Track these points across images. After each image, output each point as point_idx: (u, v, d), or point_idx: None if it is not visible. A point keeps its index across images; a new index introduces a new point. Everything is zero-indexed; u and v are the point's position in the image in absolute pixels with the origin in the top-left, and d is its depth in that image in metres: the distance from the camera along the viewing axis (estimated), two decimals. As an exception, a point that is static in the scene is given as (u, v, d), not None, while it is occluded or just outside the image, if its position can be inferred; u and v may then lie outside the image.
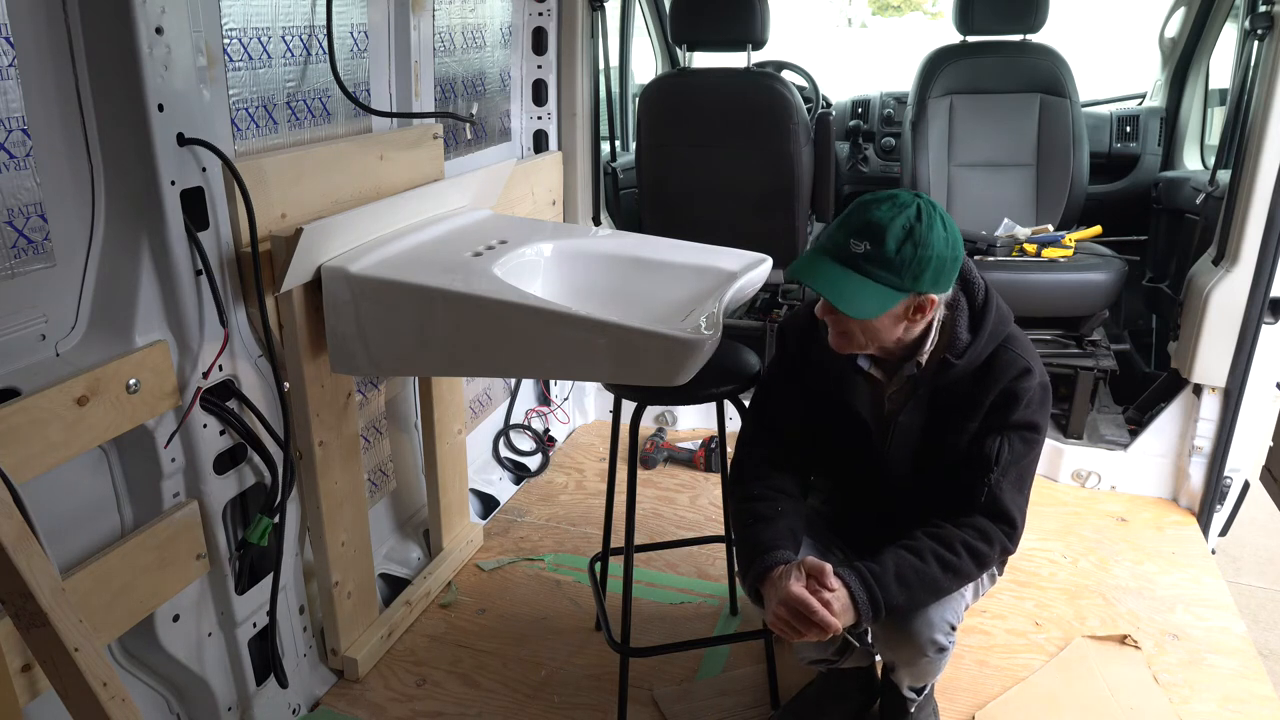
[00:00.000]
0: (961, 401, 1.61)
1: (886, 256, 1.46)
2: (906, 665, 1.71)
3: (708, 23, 3.06)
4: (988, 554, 1.57)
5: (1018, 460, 1.59)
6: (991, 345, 1.59)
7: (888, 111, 4.11)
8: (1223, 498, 2.77)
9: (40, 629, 1.25)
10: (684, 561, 2.60)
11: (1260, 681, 2.11)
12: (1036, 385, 1.59)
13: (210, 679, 1.81)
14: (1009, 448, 1.58)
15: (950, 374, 1.59)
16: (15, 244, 1.39)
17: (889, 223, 1.46)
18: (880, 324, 1.54)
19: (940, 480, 1.65)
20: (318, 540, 2.00)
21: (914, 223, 1.46)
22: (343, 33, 2.05)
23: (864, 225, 1.48)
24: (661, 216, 3.31)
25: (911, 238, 1.46)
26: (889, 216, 1.46)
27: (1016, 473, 1.60)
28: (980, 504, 1.58)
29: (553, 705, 2.07)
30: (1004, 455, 1.58)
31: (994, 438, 1.59)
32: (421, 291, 1.75)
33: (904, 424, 1.66)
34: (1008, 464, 1.58)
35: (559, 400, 3.38)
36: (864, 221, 1.48)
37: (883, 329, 1.55)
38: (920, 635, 1.60)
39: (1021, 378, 1.58)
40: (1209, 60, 3.63)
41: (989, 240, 3.05)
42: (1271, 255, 2.47)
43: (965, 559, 1.55)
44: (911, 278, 1.47)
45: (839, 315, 1.53)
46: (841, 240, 1.50)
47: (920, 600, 1.56)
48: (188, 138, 1.54)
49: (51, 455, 1.40)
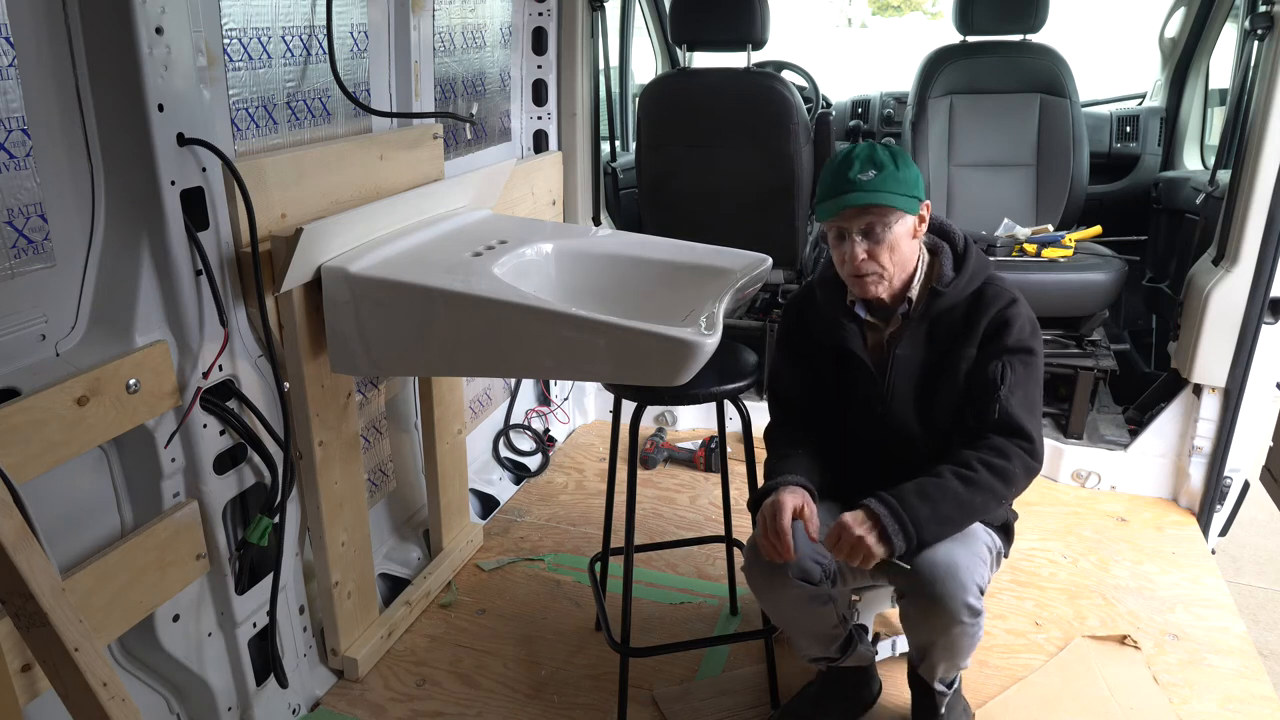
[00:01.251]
0: (955, 330, 1.71)
1: (897, 174, 1.62)
2: (942, 638, 1.68)
3: (708, 23, 3.06)
4: (1008, 468, 1.63)
5: (1022, 382, 1.67)
6: (976, 282, 1.72)
7: (888, 111, 4.11)
8: (1223, 498, 2.77)
9: (40, 629, 1.25)
10: (684, 561, 2.60)
11: (1260, 681, 2.11)
12: (1025, 313, 1.70)
13: (210, 679, 1.81)
14: (1011, 370, 1.67)
15: (940, 304, 1.71)
16: (15, 244, 1.39)
17: (876, 155, 1.62)
18: (906, 242, 1.67)
19: (946, 420, 1.73)
20: (318, 540, 2.00)
21: (885, 150, 1.64)
22: (343, 33, 2.05)
23: (860, 163, 1.62)
24: (661, 216, 3.31)
25: (899, 158, 1.63)
26: (868, 154, 1.62)
27: (1023, 393, 1.67)
28: (993, 422, 1.66)
29: (553, 705, 2.07)
30: (1008, 376, 1.66)
31: (995, 363, 1.67)
32: (421, 291, 1.75)
33: (902, 357, 1.74)
34: (1013, 384, 1.66)
35: (559, 400, 3.38)
36: (857, 162, 1.62)
37: (907, 247, 1.67)
38: (954, 599, 1.59)
39: (1010, 305, 1.69)
40: (1209, 60, 3.63)
41: (989, 240, 3.05)
42: (1271, 255, 2.47)
43: (984, 473, 1.62)
44: (915, 186, 1.64)
45: (875, 247, 1.64)
46: (851, 178, 1.62)
47: (946, 514, 1.60)
48: (188, 138, 1.54)
49: (51, 455, 1.40)
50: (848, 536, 1.58)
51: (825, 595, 1.72)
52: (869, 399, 1.77)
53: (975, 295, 1.71)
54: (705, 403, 1.96)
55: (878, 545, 1.56)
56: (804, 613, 1.76)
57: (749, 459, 1.99)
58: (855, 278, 1.69)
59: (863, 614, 2.09)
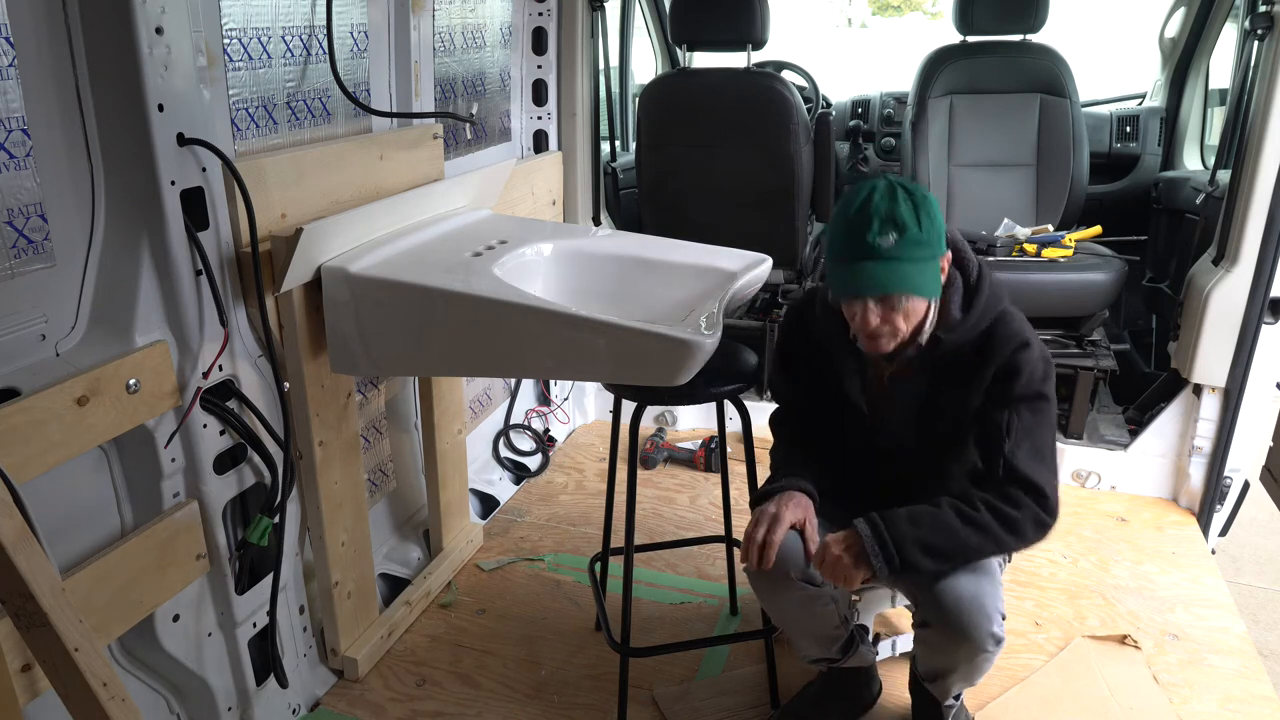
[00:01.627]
0: (962, 372, 1.62)
1: (920, 236, 1.49)
2: (966, 664, 1.68)
3: (708, 23, 3.06)
4: (1015, 518, 1.55)
5: (1030, 431, 1.59)
6: (986, 321, 1.62)
7: (888, 111, 4.11)
8: (1223, 498, 2.77)
9: (40, 629, 1.25)
10: (684, 561, 2.60)
11: (1260, 681, 2.11)
12: (1037, 357, 1.60)
13: (210, 679, 1.81)
14: (1018, 419, 1.58)
15: (942, 349, 1.62)
16: (15, 244, 1.39)
17: (897, 212, 1.48)
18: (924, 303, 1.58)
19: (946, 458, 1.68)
20: (318, 540, 2.00)
21: (907, 198, 1.50)
22: (343, 33, 2.05)
23: (880, 222, 1.49)
24: (661, 216, 3.31)
25: (921, 211, 1.50)
26: (888, 209, 1.49)
27: (1031, 443, 1.59)
28: (1000, 475, 1.58)
29: (553, 705, 2.07)
30: (1014, 426, 1.58)
31: (1001, 411, 1.59)
32: (422, 291, 1.75)
33: (903, 400, 1.69)
34: (1020, 435, 1.58)
35: (559, 400, 3.38)
36: (875, 220, 1.49)
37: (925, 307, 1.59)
38: (979, 629, 1.58)
39: (1020, 350, 1.59)
40: (1209, 60, 3.63)
41: (989, 240, 3.05)
42: (1271, 255, 2.47)
43: (986, 514, 1.54)
44: (938, 244, 1.54)
45: (891, 314, 1.54)
46: (868, 242, 1.49)
47: (935, 544, 1.54)
48: (188, 138, 1.54)
49: (51, 455, 1.40)
50: (829, 556, 1.58)
51: (827, 597, 1.72)
52: (864, 434, 1.75)
53: (985, 335, 1.62)
54: (705, 403, 1.96)
55: (856, 566, 1.55)
56: (805, 614, 1.76)
57: (749, 459, 1.98)
58: (866, 338, 1.60)
59: (863, 614, 2.09)
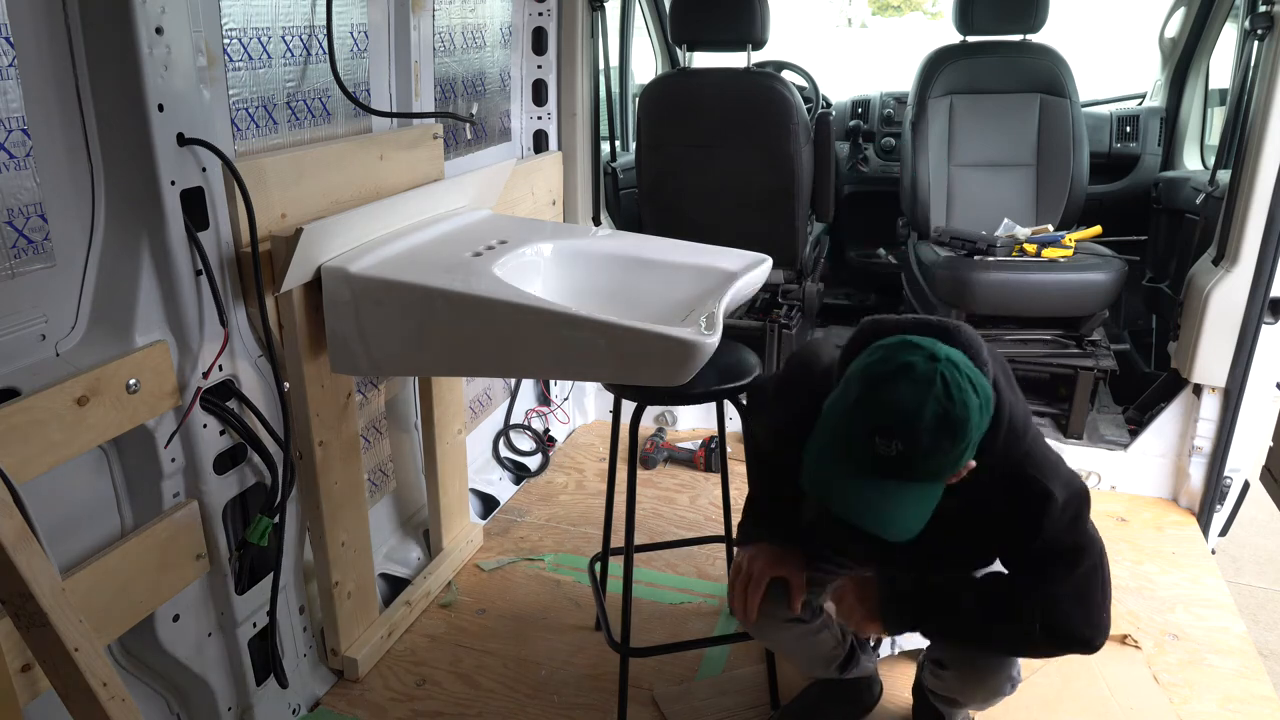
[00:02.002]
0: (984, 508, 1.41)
1: (924, 459, 1.22)
2: (980, 702, 1.72)
3: (708, 23, 3.06)
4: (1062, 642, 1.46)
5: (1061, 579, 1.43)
6: (1005, 467, 1.38)
7: (888, 111, 4.11)
8: (1223, 498, 2.77)
9: (40, 629, 1.25)
10: (684, 561, 2.60)
11: (1260, 681, 2.11)
12: (1060, 507, 1.39)
13: (210, 679, 1.81)
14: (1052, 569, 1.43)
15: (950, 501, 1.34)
16: (15, 244, 1.39)
17: (917, 410, 1.19)
18: None
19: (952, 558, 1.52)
20: (318, 540, 2.00)
21: (945, 405, 1.19)
22: (343, 33, 2.05)
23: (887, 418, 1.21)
24: (661, 216, 3.31)
25: (948, 428, 1.20)
26: (913, 401, 1.20)
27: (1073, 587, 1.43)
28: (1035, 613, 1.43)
29: (553, 705, 2.07)
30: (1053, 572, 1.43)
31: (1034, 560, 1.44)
32: (422, 291, 1.75)
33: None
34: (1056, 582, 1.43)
35: (559, 400, 3.38)
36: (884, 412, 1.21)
37: None
38: (999, 675, 1.60)
39: (1042, 504, 1.38)
40: (1209, 60, 3.63)
41: (989, 240, 3.05)
42: (1271, 255, 2.47)
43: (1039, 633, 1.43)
44: (952, 467, 1.26)
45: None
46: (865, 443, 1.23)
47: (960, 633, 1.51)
48: (188, 138, 1.54)
49: (51, 455, 1.40)
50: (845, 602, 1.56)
51: (819, 625, 1.73)
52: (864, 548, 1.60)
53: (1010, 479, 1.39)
54: (705, 403, 1.96)
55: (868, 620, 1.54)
56: (801, 646, 1.78)
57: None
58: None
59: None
